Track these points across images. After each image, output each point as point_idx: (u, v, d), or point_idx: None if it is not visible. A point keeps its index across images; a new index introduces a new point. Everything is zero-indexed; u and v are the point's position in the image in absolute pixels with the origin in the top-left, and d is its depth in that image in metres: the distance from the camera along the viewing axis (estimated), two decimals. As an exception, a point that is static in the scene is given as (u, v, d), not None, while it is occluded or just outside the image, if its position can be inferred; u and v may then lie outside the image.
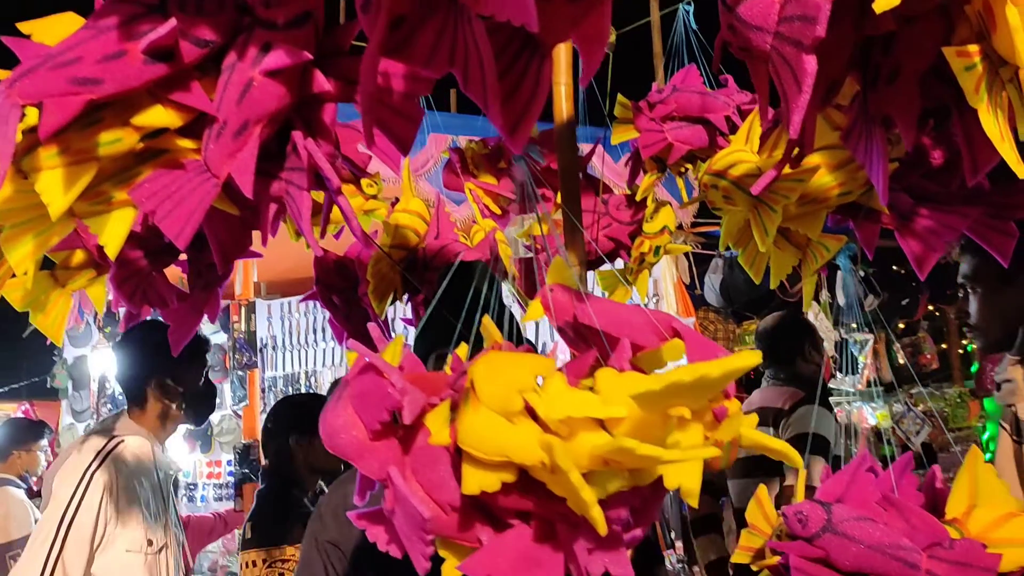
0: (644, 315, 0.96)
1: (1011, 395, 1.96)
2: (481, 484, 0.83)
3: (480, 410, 0.84)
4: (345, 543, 1.38)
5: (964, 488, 1.20)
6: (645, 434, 0.80)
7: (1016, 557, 1.15)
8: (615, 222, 2.05)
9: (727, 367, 0.75)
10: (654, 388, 0.75)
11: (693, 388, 0.76)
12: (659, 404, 0.79)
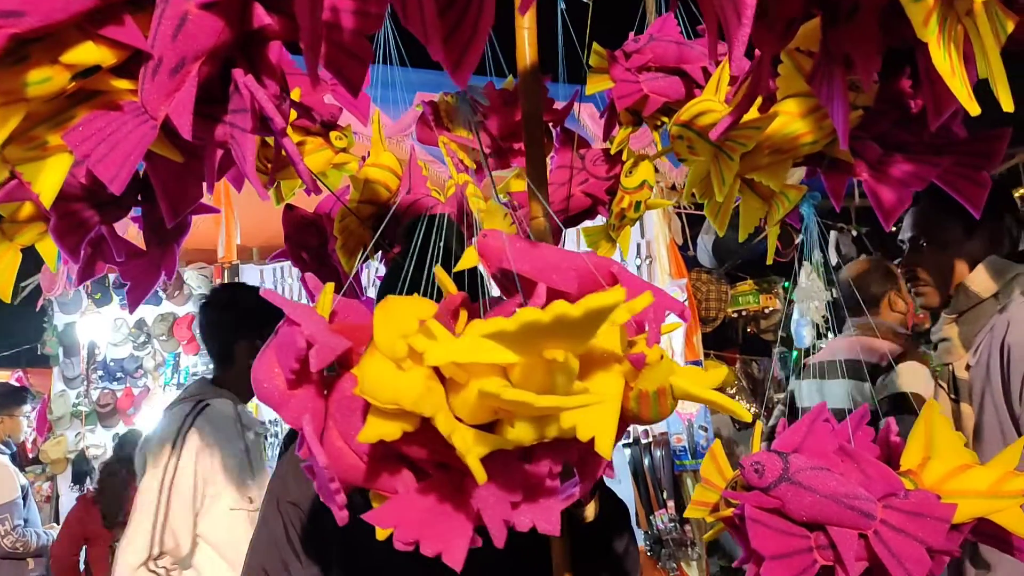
0: (574, 260, 0.93)
1: (947, 354, 1.98)
2: (380, 432, 0.82)
3: (375, 356, 0.83)
4: (305, 503, 1.36)
5: (919, 440, 1.19)
6: (542, 382, 0.78)
7: (970, 508, 1.14)
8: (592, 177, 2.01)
9: (588, 307, 0.72)
10: (508, 329, 0.73)
11: (553, 329, 0.73)
12: (520, 345, 0.76)
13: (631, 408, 0.89)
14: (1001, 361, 1.79)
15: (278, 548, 1.36)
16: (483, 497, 0.86)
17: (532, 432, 0.82)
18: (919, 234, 1.99)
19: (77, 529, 3.76)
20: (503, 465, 0.86)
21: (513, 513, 0.88)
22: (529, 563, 1.23)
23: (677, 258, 4.50)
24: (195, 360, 5.55)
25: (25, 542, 3.86)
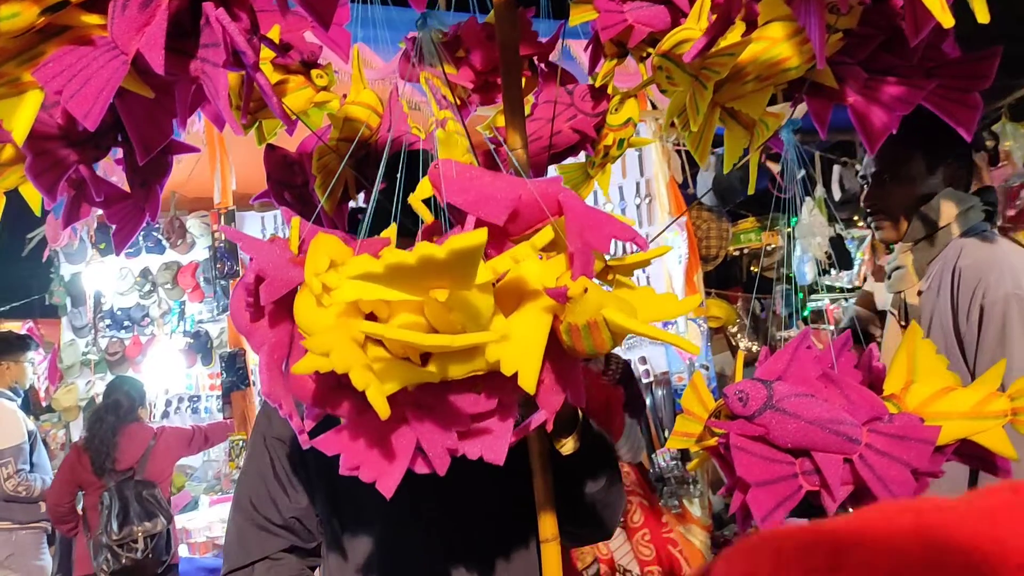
0: (515, 190, 0.92)
1: (900, 282, 2.02)
2: (311, 365, 0.84)
3: (304, 291, 0.86)
4: (289, 437, 1.39)
5: (902, 364, 1.19)
6: (449, 318, 0.79)
7: (953, 430, 1.15)
8: (580, 113, 1.98)
9: (452, 248, 0.73)
10: (375, 271, 0.74)
11: (423, 270, 0.74)
12: (400, 284, 0.77)
13: (566, 342, 0.89)
14: (952, 283, 1.84)
15: (265, 482, 1.39)
16: (423, 427, 0.89)
17: (457, 367, 0.84)
18: (882, 169, 2.01)
19: (69, 476, 3.80)
20: (447, 396, 0.89)
21: (460, 443, 0.90)
22: (521, 496, 1.25)
23: (677, 196, 4.47)
24: (200, 307, 5.59)
25: (28, 486, 3.93)
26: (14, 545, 3.94)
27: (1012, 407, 1.15)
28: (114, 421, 3.84)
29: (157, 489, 3.78)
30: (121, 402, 3.91)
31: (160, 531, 3.70)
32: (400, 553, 1.34)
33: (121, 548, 3.61)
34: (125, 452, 3.78)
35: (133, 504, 3.67)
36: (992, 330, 1.76)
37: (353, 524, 1.36)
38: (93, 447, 3.78)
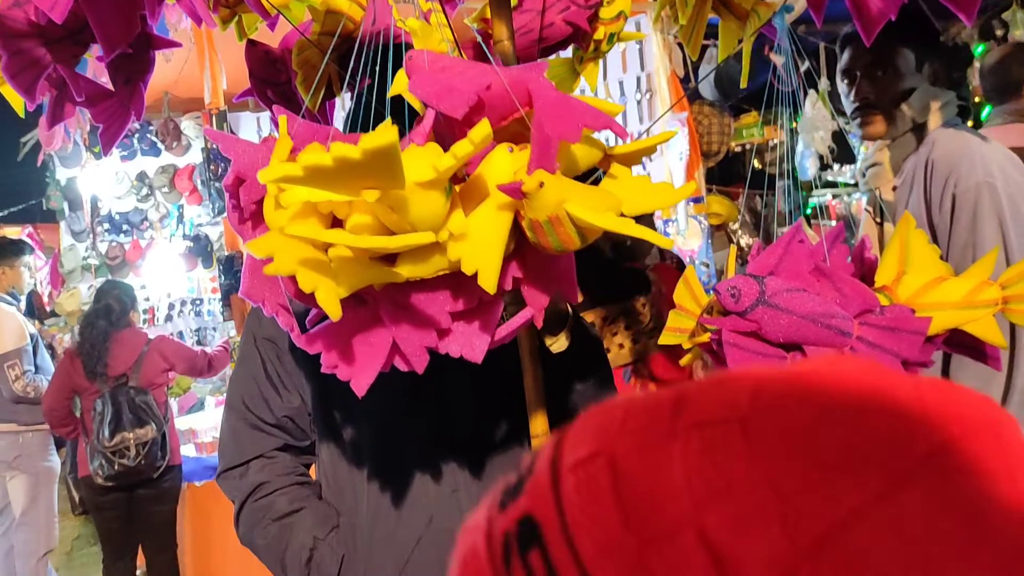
0: (483, 80, 0.89)
1: (876, 178, 2.05)
2: (271, 268, 0.85)
3: (268, 193, 0.85)
4: (280, 338, 1.39)
5: (895, 255, 1.18)
6: (421, 211, 0.79)
7: (944, 319, 1.14)
8: (573, 5, 1.91)
9: (365, 148, 0.71)
10: (294, 173, 0.73)
11: (338, 172, 0.73)
12: (328, 185, 0.77)
13: (531, 239, 0.87)
14: (924, 176, 1.86)
15: (256, 382, 1.40)
16: (399, 327, 0.89)
17: (419, 267, 0.84)
18: (876, 61, 1.99)
19: (64, 381, 3.81)
20: (424, 295, 0.89)
21: (440, 341, 0.91)
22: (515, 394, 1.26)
23: (678, 90, 4.37)
24: (199, 211, 5.56)
25: (36, 387, 3.98)
26: (21, 447, 4.01)
27: (1003, 296, 1.15)
28: (105, 326, 3.82)
29: (150, 396, 3.79)
30: (112, 307, 3.88)
31: (152, 438, 3.72)
32: (393, 451, 1.36)
33: (114, 455, 3.66)
34: (117, 358, 3.79)
35: (125, 411, 3.69)
36: (964, 218, 1.78)
37: (346, 423, 1.38)
38: (84, 351, 3.78)
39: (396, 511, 1.35)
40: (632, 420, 0.36)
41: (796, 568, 0.29)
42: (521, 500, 0.37)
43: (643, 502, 0.33)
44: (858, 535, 0.29)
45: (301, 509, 1.38)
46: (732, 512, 0.31)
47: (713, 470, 0.32)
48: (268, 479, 1.39)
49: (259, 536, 1.39)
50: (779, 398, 0.34)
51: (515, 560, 0.36)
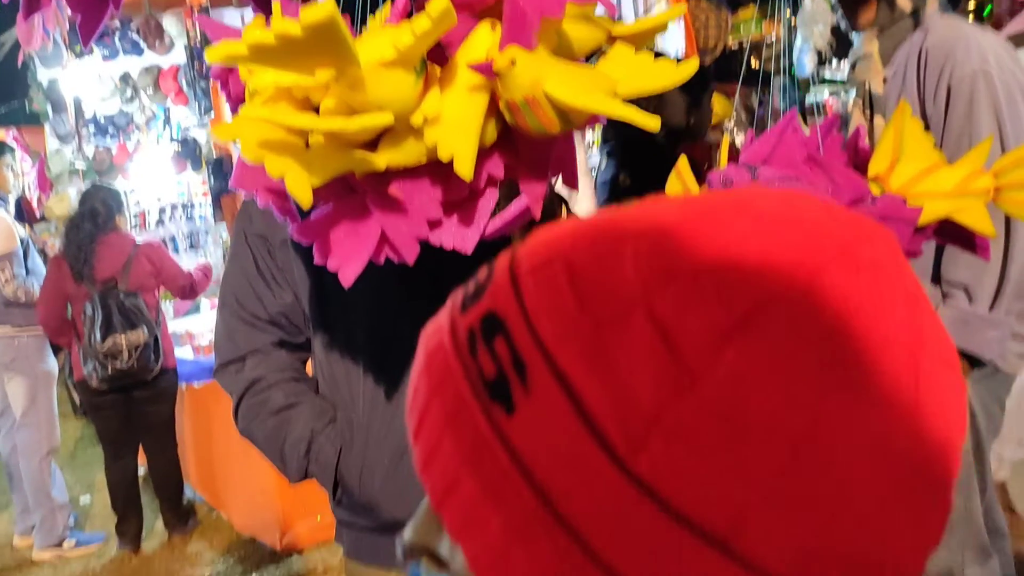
0: None
1: (865, 71, 2.01)
2: (263, 157, 0.84)
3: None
4: (271, 234, 1.38)
5: (888, 144, 1.17)
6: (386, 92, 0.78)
7: (935, 208, 1.14)
8: None
9: (307, 21, 0.69)
10: (238, 52, 0.71)
11: (283, 49, 0.71)
12: (264, 63, 0.75)
13: (510, 121, 0.85)
14: (918, 65, 1.83)
15: (248, 279, 1.40)
16: (388, 217, 0.89)
17: (395, 153, 0.83)
18: None
19: (54, 289, 3.79)
20: (415, 184, 0.88)
21: (431, 232, 0.90)
22: None
23: (675, -17, 4.25)
24: (186, 112, 5.45)
25: (27, 291, 3.97)
26: (17, 350, 4.02)
27: (996, 184, 1.14)
28: (91, 229, 3.78)
29: (140, 299, 3.78)
30: (97, 210, 3.84)
31: (145, 341, 3.73)
32: (388, 345, 1.37)
33: (107, 358, 3.68)
34: (104, 261, 3.76)
35: (116, 314, 3.69)
36: (959, 108, 1.75)
37: (341, 317, 1.39)
38: (71, 254, 3.75)
39: (392, 404, 1.37)
40: (584, 231, 0.40)
41: (730, 335, 0.34)
42: (483, 301, 0.40)
43: (597, 291, 0.37)
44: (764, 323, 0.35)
45: (298, 403, 1.40)
46: (673, 296, 0.35)
47: (655, 262, 0.36)
48: (264, 374, 1.41)
49: (257, 429, 1.41)
50: (710, 209, 0.39)
51: (481, 349, 0.39)
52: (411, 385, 0.44)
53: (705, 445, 0.34)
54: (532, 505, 0.36)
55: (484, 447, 0.37)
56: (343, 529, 1.48)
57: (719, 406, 0.34)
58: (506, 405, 0.37)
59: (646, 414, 0.34)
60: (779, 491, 0.34)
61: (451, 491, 0.39)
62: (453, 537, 0.39)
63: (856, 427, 0.34)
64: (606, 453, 0.35)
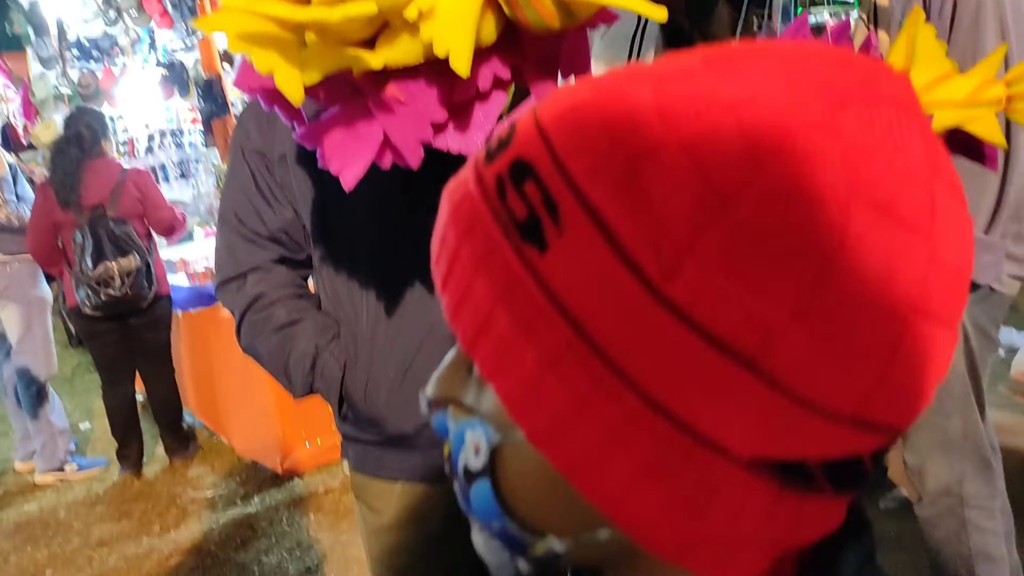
0: None
1: None
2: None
3: None
4: (269, 149, 1.36)
5: (901, 51, 1.15)
6: None
7: (945, 118, 1.13)
8: None
9: None
10: None
11: None
12: None
13: (509, 15, 0.82)
14: None
15: (248, 195, 1.38)
16: (392, 119, 0.87)
17: (392, 51, 0.80)
18: None
19: (43, 216, 3.74)
20: (415, 84, 0.86)
21: (436, 136, 0.89)
22: None
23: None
24: (171, 35, 5.32)
25: (19, 216, 3.92)
26: (9, 277, 3.99)
27: (1008, 94, 1.13)
28: (77, 154, 3.72)
29: (130, 226, 3.74)
30: (83, 134, 3.76)
31: (136, 267, 3.70)
32: (391, 260, 1.37)
33: (99, 285, 3.66)
34: (91, 187, 3.71)
35: (106, 241, 3.65)
36: (965, 21, 1.71)
37: (343, 232, 1.37)
38: (58, 180, 3.69)
39: (396, 320, 1.37)
40: (606, 80, 0.40)
41: (760, 161, 0.35)
42: (509, 150, 0.41)
43: (627, 128, 0.37)
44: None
45: (301, 319, 1.39)
46: (701, 129, 0.36)
47: (681, 102, 0.37)
48: (266, 291, 1.40)
49: (261, 346, 1.41)
50: (730, 54, 0.40)
51: (511, 194, 0.39)
52: (436, 238, 0.44)
53: (737, 268, 0.35)
54: (567, 336, 0.37)
55: (517, 285, 0.38)
56: (348, 444, 1.50)
57: (750, 229, 0.35)
58: (538, 244, 0.38)
59: (679, 241, 0.35)
60: (807, 310, 0.35)
61: (484, 330, 0.40)
62: (485, 376, 0.40)
63: (879, 248, 0.36)
64: (640, 281, 0.36)
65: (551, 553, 0.43)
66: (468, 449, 0.44)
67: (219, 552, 3.33)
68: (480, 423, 0.44)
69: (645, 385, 0.37)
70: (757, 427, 0.36)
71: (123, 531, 3.63)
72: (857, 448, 0.38)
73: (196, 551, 3.37)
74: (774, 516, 0.38)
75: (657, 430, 0.37)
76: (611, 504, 0.39)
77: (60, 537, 3.65)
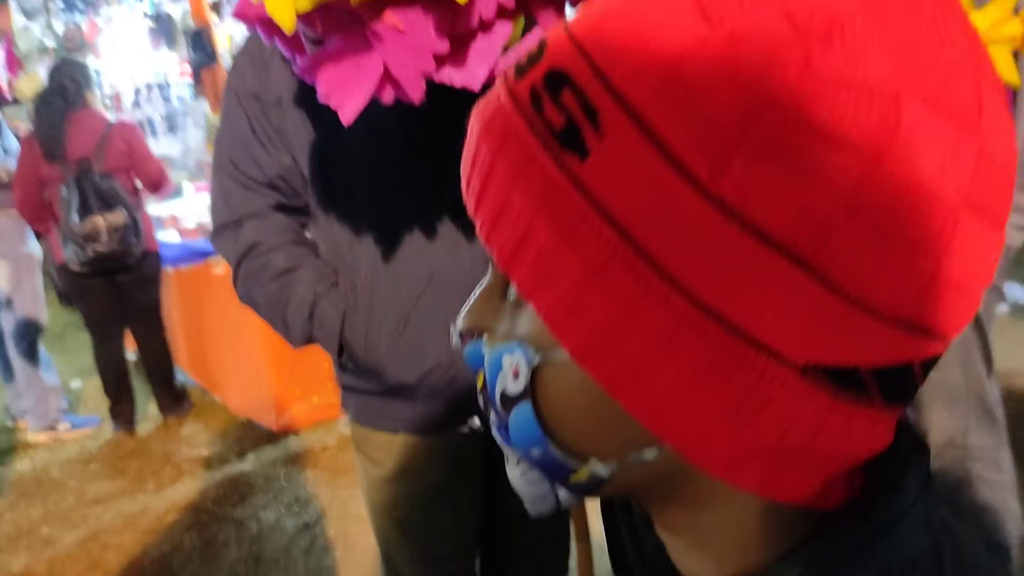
0: None
1: None
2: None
3: None
4: (264, 92, 1.32)
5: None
6: None
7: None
8: None
9: None
10: None
11: None
12: None
13: None
14: None
15: (243, 140, 1.35)
16: (392, 51, 0.84)
17: None
18: None
19: (28, 171, 3.68)
20: (415, 14, 0.83)
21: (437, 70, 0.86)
22: None
23: None
24: (157, -13, 5.24)
25: (7, 170, 3.86)
26: (-2, 232, 3.95)
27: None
28: (61, 105, 3.64)
29: (116, 181, 3.67)
30: (67, 86, 3.68)
31: (124, 223, 3.64)
32: (391, 206, 1.34)
33: (86, 240, 3.60)
34: (76, 140, 3.63)
35: (92, 196, 3.58)
36: None
37: (342, 178, 1.34)
38: (42, 133, 3.62)
39: (396, 268, 1.34)
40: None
41: (809, 50, 0.34)
42: (541, 63, 0.39)
43: (666, 27, 0.36)
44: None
45: (300, 266, 1.37)
46: (745, 22, 0.35)
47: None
48: (263, 238, 1.38)
49: (258, 294, 1.39)
50: None
51: (547, 104, 0.38)
52: (466, 158, 0.43)
53: (788, 160, 0.34)
54: (612, 242, 0.36)
55: (558, 194, 0.37)
56: (349, 395, 1.48)
57: (800, 120, 0.34)
58: (579, 151, 0.37)
59: (726, 137, 0.34)
60: (860, 203, 0.34)
61: (523, 245, 0.38)
62: (525, 294, 0.39)
63: (931, 139, 0.35)
64: (687, 180, 0.35)
65: (595, 478, 0.42)
66: (506, 374, 0.42)
67: (216, 508, 3.34)
68: (519, 346, 0.42)
69: (695, 289, 0.35)
70: (810, 330, 0.35)
71: (118, 489, 3.63)
72: (908, 354, 0.37)
73: (193, 508, 3.38)
74: (824, 429, 0.37)
75: (708, 335, 0.35)
76: (659, 418, 0.37)
77: (55, 495, 3.65)
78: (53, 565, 3.12)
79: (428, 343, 1.35)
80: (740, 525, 0.42)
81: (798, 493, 0.39)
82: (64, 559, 3.15)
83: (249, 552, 3.03)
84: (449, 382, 1.36)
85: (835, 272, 0.35)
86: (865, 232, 0.34)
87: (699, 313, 0.35)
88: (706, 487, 0.41)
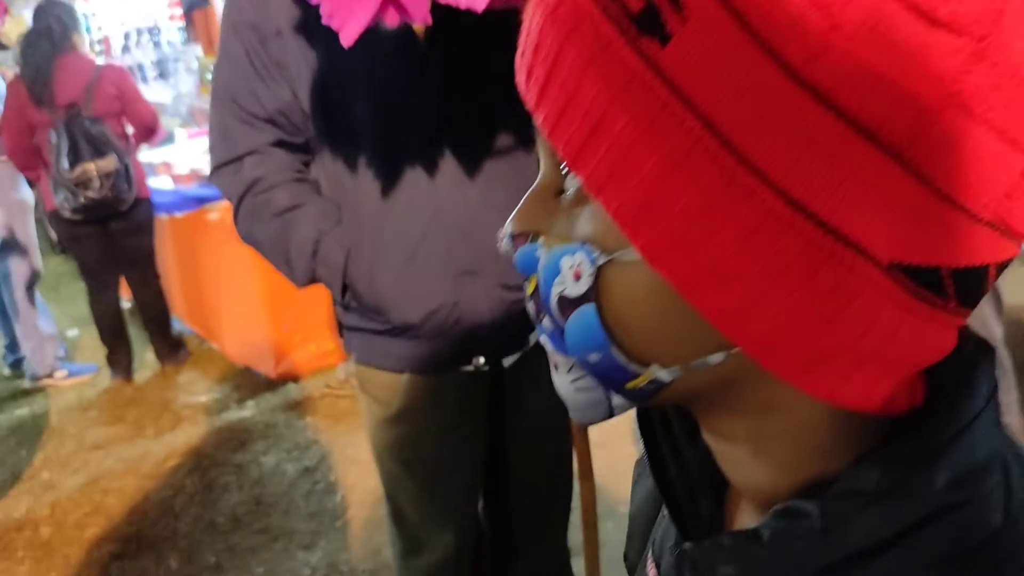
0: None
1: None
2: None
3: None
4: (264, 23, 1.28)
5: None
6: None
7: None
8: None
9: None
10: None
11: None
12: None
13: None
14: None
15: (243, 75, 1.31)
16: None
17: None
18: None
19: (16, 115, 3.60)
20: None
21: None
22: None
23: None
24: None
25: None
26: (-13, 180, 3.89)
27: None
28: (48, 47, 3.56)
29: (106, 126, 3.61)
30: (52, 27, 3.59)
31: (115, 168, 3.59)
32: (394, 142, 1.31)
33: (77, 187, 3.56)
34: (63, 84, 3.56)
35: (82, 142, 3.53)
36: None
37: (344, 113, 1.31)
38: (28, 76, 3.54)
39: (400, 205, 1.32)
40: None
41: None
42: None
43: None
44: None
45: (302, 204, 1.34)
46: None
47: None
48: (264, 175, 1.35)
49: (260, 232, 1.37)
50: None
51: None
52: (527, 48, 0.39)
53: (886, 46, 0.32)
54: (695, 133, 0.34)
55: (635, 82, 0.34)
56: (352, 335, 1.46)
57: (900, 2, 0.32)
58: (659, 36, 0.34)
59: (821, 18, 0.32)
60: (959, 94, 0.32)
61: (595, 137, 0.36)
62: (593, 190, 0.37)
63: None
64: (778, 65, 0.33)
65: (655, 383, 0.40)
66: (565, 277, 0.40)
67: (216, 453, 3.35)
68: (581, 246, 0.40)
69: (782, 181, 0.33)
70: (899, 227, 0.33)
71: (117, 435, 3.64)
72: (989, 256, 0.35)
73: (193, 453, 3.39)
74: (898, 332, 0.35)
75: (795, 229, 0.33)
76: (735, 320, 0.35)
77: (54, 441, 3.66)
78: (55, 509, 3.14)
79: (433, 281, 1.33)
80: (806, 433, 0.41)
81: (867, 400, 0.38)
82: (66, 503, 3.17)
83: (250, 495, 3.05)
84: (454, 321, 1.35)
85: (929, 166, 0.33)
86: (963, 124, 0.32)
87: (786, 206, 0.33)
88: (771, 393, 0.40)
